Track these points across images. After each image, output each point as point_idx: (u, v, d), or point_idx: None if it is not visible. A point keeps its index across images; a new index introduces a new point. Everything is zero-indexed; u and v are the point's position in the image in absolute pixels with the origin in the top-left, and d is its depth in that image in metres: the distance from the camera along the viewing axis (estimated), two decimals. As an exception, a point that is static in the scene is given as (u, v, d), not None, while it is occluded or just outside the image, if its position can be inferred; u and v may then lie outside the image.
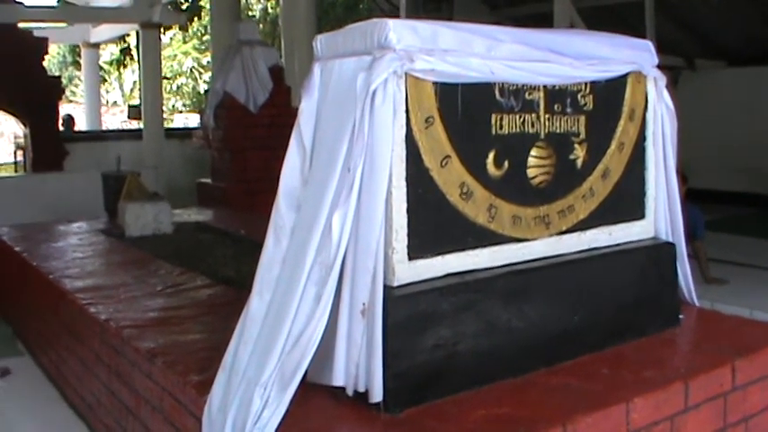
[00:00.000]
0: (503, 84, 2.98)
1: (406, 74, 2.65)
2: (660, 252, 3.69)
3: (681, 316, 3.75)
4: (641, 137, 3.64)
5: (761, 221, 12.55)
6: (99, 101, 23.41)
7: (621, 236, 3.57)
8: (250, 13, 28.49)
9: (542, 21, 12.60)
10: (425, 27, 2.77)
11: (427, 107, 2.73)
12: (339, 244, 2.62)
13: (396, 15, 15.25)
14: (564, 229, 3.29)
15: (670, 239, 3.78)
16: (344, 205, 2.60)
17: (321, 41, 2.98)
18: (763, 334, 3.68)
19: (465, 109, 2.85)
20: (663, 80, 3.73)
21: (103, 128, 23.13)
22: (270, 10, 28.30)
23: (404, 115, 2.67)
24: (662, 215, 3.77)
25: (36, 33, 14.07)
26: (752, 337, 3.60)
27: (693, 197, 8.62)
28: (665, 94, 3.75)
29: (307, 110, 2.89)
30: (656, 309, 3.61)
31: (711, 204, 11.55)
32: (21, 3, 14.64)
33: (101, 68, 25.71)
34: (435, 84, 2.75)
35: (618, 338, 3.39)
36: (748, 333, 3.71)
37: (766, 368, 3.38)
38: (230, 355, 2.88)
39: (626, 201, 3.59)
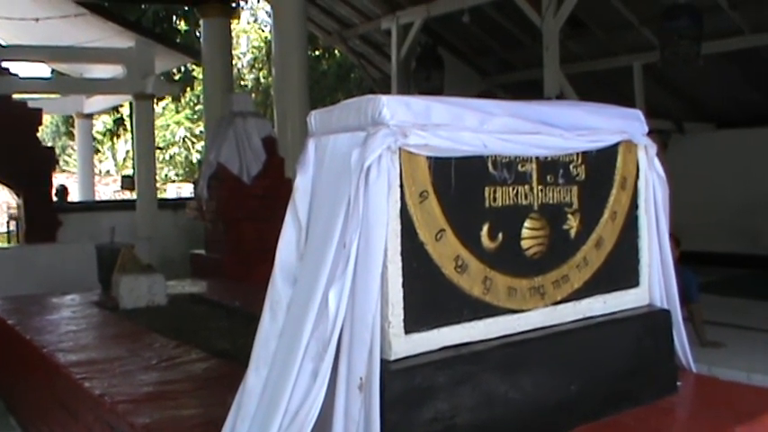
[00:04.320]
0: (495, 156, 3.01)
1: (399, 149, 2.68)
2: (655, 319, 3.70)
3: (678, 383, 3.74)
4: (633, 205, 3.67)
5: (755, 282, 12.56)
6: (92, 171, 23.46)
7: (616, 304, 3.58)
8: (242, 83, 28.79)
9: (532, 87, 12.78)
10: (418, 102, 2.81)
11: (421, 181, 2.76)
12: (336, 319, 2.62)
13: (386, 84, 15.44)
14: (559, 299, 3.30)
15: (665, 306, 3.80)
16: (340, 280, 2.61)
17: (315, 117, 3.02)
18: (761, 400, 3.68)
19: (459, 182, 2.88)
20: (653, 148, 3.77)
21: (96, 198, 23.20)
22: (262, 80, 28.59)
23: (398, 190, 2.69)
24: (656, 282, 3.79)
25: (30, 104, 14.17)
26: (750, 403, 3.60)
27: (687, 260, 8.64)
28: (656, 161, 3.79)
29: (302, 185, 2.91)
30: (653, 377, 3.61)
31: (705, 266, 11.57)
32: (15, 74, 14.77)
33: (94, 138, 25.82)
34: (429, 158, 2.78)
35: (615, 408, 3.37)
36: (746, 399, 3.71)
37: (765, 435, 3.38)
38: (227, 430, 2.87)
39: (620, 269, 3.61)
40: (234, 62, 18.54)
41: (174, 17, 20.78)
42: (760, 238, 13.84)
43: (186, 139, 33.47)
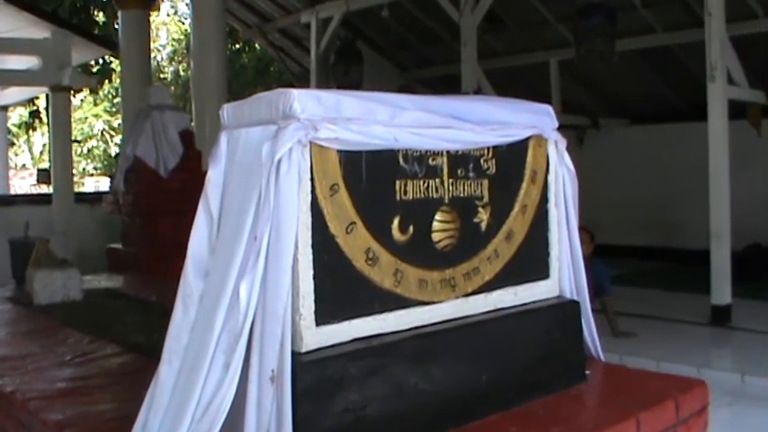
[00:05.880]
0: (406, 150, 3.04)
1: (310, 142, 2.69)
2: (565, 310, 3.78)
3: (587, 372, 3.82)
4: (544, 199, 3.73)
5: (668, 274, 12.89)
6: (7, 164, 23.00)
7: (527, 296, 3.65)
8: (162, 76, 28.46)
9: (451, 82, 12.90)
10: (329, 96, 2.83)
11: (332, 175, 2.78)
12: (247, 311, 2.63)
13: (306, 78, 15.43)
14: (470, 291, 3.34)
15: (575, 297, 3.87)
16: (252, 273, 2.62)
17: (228, 111, 3.02)
18: (666, 386, 3.78)
19: (369, 176, 2.90)
20: (563, 143, 3.84)
21: (12, 192, 22.73)
22: (182, 73, 28.30)
23: (309, 183, 2.71)
24: (566, 274, 3.86)
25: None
26: (655, 390, 3.70)
27: (601, 253, 8.84)
28: (566, 156, 3.86)
29: (213, 178, 2.91)
30: (563, 366, 3.68)
31: (619, 259, 11.84)
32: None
33: (9, 131, 25.29)
34: (340, 152, 2.80)
35: (526, 397, 3.43)
36: (652, 386, 3.81)
37: (669, 419, 3.47)
38: (140, 424, 2.86)
39: (530, 261, 3.67)
40: (153, 55, 18.39)
41: (92, 8, 20.43)
42: (673, 231, 14.18)
43: (104, 132, 32.99)
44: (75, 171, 19.38)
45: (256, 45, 22.35)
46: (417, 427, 3.01)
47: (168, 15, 31.37)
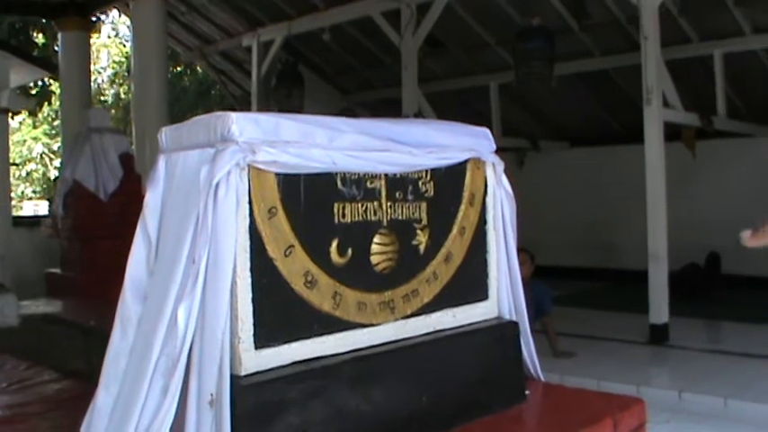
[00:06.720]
0: (345, 173, 3.06)
1: (248, 165, 2.70)
2: (504, 331, 3.81)
3: (527, 392, 3.86)
4: (482, 221, 3.77)
5: (607, 294, 13.02)
6: (-58, 188, 22.54)
7: (465, 317, 3.68)
8: (102, 99, 28.19)
9: (392, 105, 12.93)
10: (268, 119, 2.85)
11: (270, 198, 2.79)
12: (185, 335, 2.63)
13: (247, 101, 15.39)
14: (409, 313, 3.37)
15: (513, 318, 3.91)
16: (190, 296, 2.62)
17: (166, 134, 3.02)
18: (604, 404, 3.84)
19: (308, 199, 2.92)
20: (501, 165, 3.89)
21: (-53, 216, 22.27)
22: (123, 95, 28.06)
23: (247, 206, 2.72)
24: (504, 295, 3.90)
25: None
26: (594, 409, 3.75)
27: (542, 274, 8.90)
28: (504, 178, 3.91)
29: (152, 201, 2.91)
30: (502, 386, 3.72)
31: (560, 280, 11.91)
32: None
33: (-55, 154, 24.80)
34: (278, 175, 2.81)
35: (465, 417, 3.46)
36: (591, 404, 3.86)
37: (607, 438, 3.53)
38: (77, 452, 2.84)
39: (469, 283, 3.71)
40: (94, 77, 18.19)
41: (32, 29, 20.18)
42: (613, 252, 14.34)
43: (44, 155, 32.49)
44: (13, 194, 19.07)
45: (198, 68, 22.26)
46: (358, 450, 3.01)
47: (109, 37, 31.09)
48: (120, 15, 25.94)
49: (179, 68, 23.61)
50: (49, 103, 23.20)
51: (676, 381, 7.68)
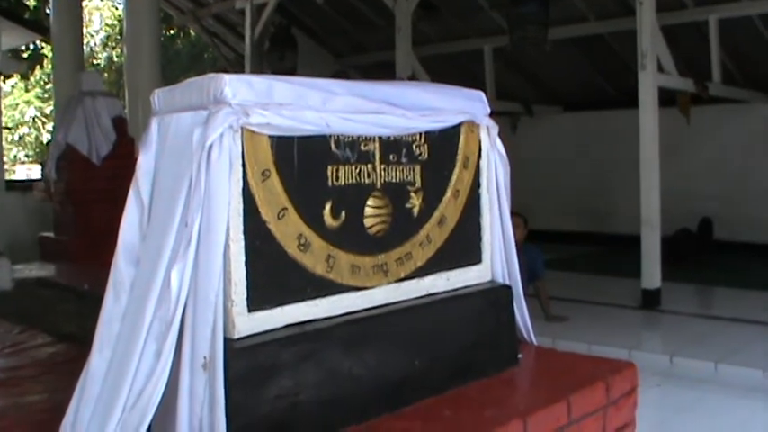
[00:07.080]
0: (338, 136, 3.04)
1: (242, 128, 2.68)
2: (497, 295, 3.81)
3: (519, 355, 3.87)
4: (476, 184, 3.76)
5: (599, 259, 13.09)
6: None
7: (459, 281, 3.68)
8: (95, 62, 28.04)
9: (385, 69, 12.90)
10: (261, 81, 2.82)
11: (263, 160, 2.77)
12: (178, 298, 2.62)
13: (240, 64, 15.33)
14: (402, 276, 3.36)
15: (507, 282, 3.91)
16: (183, 259, 2.61)
17: (158, 96, 2.99)
18: (596, 368, 3.84)
19: (301, 161, 2.90)
20: (495, 129, 3.87)
21: (-60, 180, 22.21)
22: (115, 59, 27.92)
23: (240, 169, 2.70)
24: (498, 259, 3.90)
25: None
26: (586, 372, 3.76)
27: (535, 238, 8.93)
28: (498, 142, 3.89)
29: (144, 164, 2.89)
30: (495, 350, 3.72)
31: (553, 244, 11.97)
32: None
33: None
34: (271, 137, 2.79)
35: (459, 380, 3.47)
36: (583, 368, 3.87)
37: (600, 401, 3.54)
38: (71, 414, 2.83)
39: (462, 246, 3.70)
40: (86, 40, 18.08)
41: (23, -8, 20.06)
42: (605, 216, 14.39)
43: (36, 119, 32.38)
44: (5, 158, 19.03)
45: (191, 31, 22.14)
46: (351, 413, 3.02)
47: (101, 0, 30.90)
48: (112, -22, 25.79)
49: (172, 31, 23.51)
50: (41, 67, 23.12)
51: (668, 345, 7.75)
